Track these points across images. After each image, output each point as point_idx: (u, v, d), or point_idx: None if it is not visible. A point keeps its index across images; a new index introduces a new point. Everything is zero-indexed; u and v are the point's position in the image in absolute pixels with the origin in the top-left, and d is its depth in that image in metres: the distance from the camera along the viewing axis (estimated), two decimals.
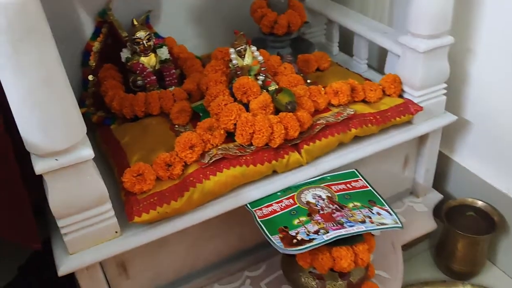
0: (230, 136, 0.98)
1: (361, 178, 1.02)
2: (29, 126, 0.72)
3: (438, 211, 1.26)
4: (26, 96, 0.69)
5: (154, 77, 1.13)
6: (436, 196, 1.30)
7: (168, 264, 1.00)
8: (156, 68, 1.15)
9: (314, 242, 0.84)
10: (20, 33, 0.65)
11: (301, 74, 1.15)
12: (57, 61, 0.70)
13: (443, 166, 1.32)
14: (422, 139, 1.19)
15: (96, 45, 1.18)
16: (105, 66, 1.16)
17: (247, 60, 1.02)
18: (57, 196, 0.78)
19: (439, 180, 1.33)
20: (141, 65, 1.12)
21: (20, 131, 0.73)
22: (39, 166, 0.75)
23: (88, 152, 0.77)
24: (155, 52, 1.15)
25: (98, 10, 1.17)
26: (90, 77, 1.16)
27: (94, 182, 0.81)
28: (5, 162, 0.77)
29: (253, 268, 1.10)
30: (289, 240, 0.86)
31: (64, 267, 0.84)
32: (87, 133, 0.80)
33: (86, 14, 1.16)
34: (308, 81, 1.15)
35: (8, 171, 0.78)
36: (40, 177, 0.78)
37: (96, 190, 0.82)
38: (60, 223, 0.82)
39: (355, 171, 1.03)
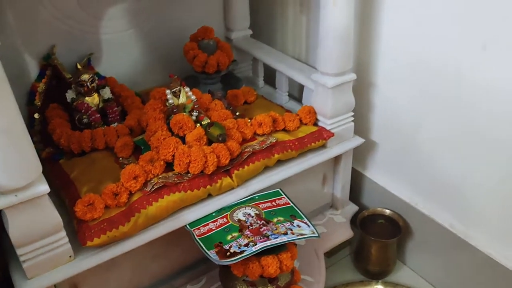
0: (169, 166, 1.05)
1: (284, 196, 1.11)
2: None
3: (355, 221, 1.37)
4: None
5: (98, 115, 1.17)
6: (353, 208, 1.42)
7: (116, 283, 1.05)
8: (100, 106, 1.20)
9: (245, 253, 0.93)
10: None
11: (230, 108, 1.24)
12: (16, 111, 0.77)
13: (357, 181, 1.44)
14: (336, 160, 1.31)
15: (41, 86, 1.22)
16: (52, 106, 1.20)
17: (182, 99, 1.10)
18: (17, 228, 0.83)
19: (355, 194, 1.45)
20: (85, 105, 1.17)
21: None
22: (0, 202, 0.80)
23: (44, 187, 0.83)
24: (98, 92, 1.20)
25: (42, 54, 1.22)
26: (36, 115, 1.20)
27: (50, 213, 0.87)
28: None
29: (195, 281, 1.16)
30: (223, 253, 0.94)
31: None
32: None
33: (31, 58, 1.21)
34: (237, 113, 1.23)
35: None
36: None
37: (51, 220, 0.87)
38: (19, 251, 0.87)
39: (279, 190, 1.13)
